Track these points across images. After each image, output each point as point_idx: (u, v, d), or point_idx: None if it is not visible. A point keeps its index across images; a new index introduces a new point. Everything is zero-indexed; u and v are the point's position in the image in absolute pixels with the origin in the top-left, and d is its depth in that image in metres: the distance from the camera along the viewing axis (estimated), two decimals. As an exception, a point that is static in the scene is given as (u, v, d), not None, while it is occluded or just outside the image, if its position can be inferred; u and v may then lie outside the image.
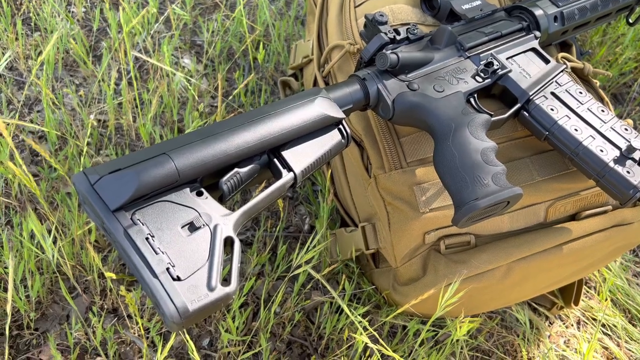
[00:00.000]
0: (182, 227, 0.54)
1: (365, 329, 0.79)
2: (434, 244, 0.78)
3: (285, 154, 0.61)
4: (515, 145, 0.77)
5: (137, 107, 1.02)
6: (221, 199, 0.59)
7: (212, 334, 0.84)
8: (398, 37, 0.74)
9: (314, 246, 0.74)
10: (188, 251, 0.52)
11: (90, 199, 0.52)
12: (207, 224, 0.54)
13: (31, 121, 0.97)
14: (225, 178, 0.57)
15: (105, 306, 0.81)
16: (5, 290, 0.76)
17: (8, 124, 0.84)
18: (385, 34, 0.73)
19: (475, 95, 0.74)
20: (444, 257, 0.77)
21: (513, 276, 0.76)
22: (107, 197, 0.52)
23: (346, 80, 0.71)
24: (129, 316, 0.80)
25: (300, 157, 0.61)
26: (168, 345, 0.63)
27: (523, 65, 0.77)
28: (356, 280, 0.88)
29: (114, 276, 0.58)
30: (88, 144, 0.96)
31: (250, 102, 1.07)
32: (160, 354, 0.65)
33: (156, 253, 0.51)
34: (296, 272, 0.72)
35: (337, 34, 0.87)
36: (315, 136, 0.63)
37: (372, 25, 0.75)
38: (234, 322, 0.78)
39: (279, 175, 0.60)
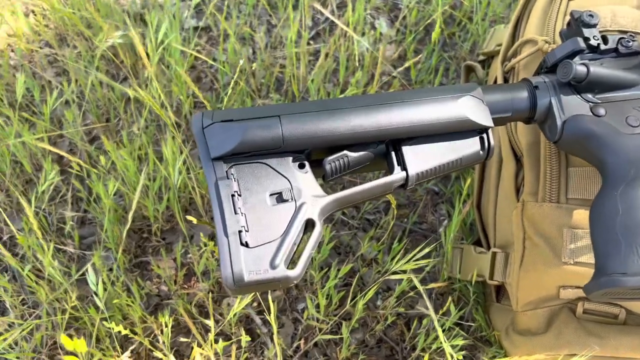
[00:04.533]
0: (270, 195, 0.51)
1: (456, 362, 0.70)
2: (571, 302, 0.65)
3: (406, 149, 0.54)
4: None
5: (315, 60, 1.02)
6: (325, 179, 0.55)
7: (312, 299, 0.83)
8: (603, 47, 0.59)
9: (414, 256, 0.66)
10: (266, 220, 0.50)
11: (198, 141, 0.53)
12: (294, 199, 0.51)
13: (222, 50, 1.04)
14: (330, 157, 0.53)
15: (224, 239, 0.85)
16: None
17: (188, 54, 0.91)
18: (586, 38, 0.59)
19: (682, 143, 0.56)
20: (577, 322, 0.64)
21: (660, 378, 0.60)
22: (211, 144, 0.52)
23: (515, 84, 0.60)
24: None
25: (421, 158, 0.54)
26: (247, 299, 0.64)
27: None
28: (471, 306, 0.78)
29: (195, 220, 0.59)
30: (261, 84, 0.99)
31: (427, 80, 0.99)
32: (238, 304, 0.66)
33: (235, 213, 0.50)
34: (393, 277, 0.66)
35: (537, 26, 0.73)
36: (448, 139, 0.55)
37: (576, 25, 0.61)
38: (327, 299, 0.76)
39: (391, 170, 0.54)
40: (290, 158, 0.53)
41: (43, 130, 0.83)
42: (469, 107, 0.55)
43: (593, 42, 0.59)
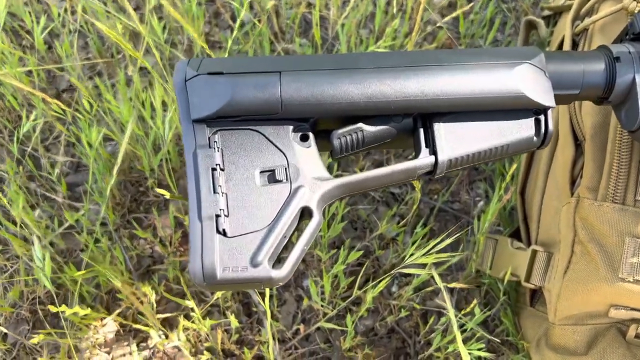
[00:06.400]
0: (260, 172, 0.41)
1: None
2: (622, 322, 0.54)
3: (438, 127, 0.42)
4: None
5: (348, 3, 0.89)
6: (332, 156, 0.44)
7: (317, 282, 0.74)
8: None
9: (433, 247, 0.55)
10: (252, 205, 0.40)
11: (178, 96, 0.43)
12: (290, 180, 0.41)
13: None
14: (341, 131, 0.42)
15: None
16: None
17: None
18: (694, -2, 0.45)
19: None
20: (625, 348, 0.53)
21: None
22: (193, 102, 0.42)
23: (588, 52, 0.46)
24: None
25: (456, 140, 0.42)
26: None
27: None
28: (499, 306, 0.67)
29: (167, 194, 0.50)
30: (285, 25, 0.87)
31: (479, 35, 0.85)
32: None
33: (214, 192, 0.40)
34: (408, 270, 0.56)
35: (624, -22, 0.58)
36: (494, 118, 0.43)
37: (681, -22, 0.47)
38: (335, 281, 0.67)
39: (417, 152, 0.43)
40: (291, 127, 0.42)
41: (35, 64, 0.75)
42: (526, 80, 0.42)
43: (702, 3, 0.45)
